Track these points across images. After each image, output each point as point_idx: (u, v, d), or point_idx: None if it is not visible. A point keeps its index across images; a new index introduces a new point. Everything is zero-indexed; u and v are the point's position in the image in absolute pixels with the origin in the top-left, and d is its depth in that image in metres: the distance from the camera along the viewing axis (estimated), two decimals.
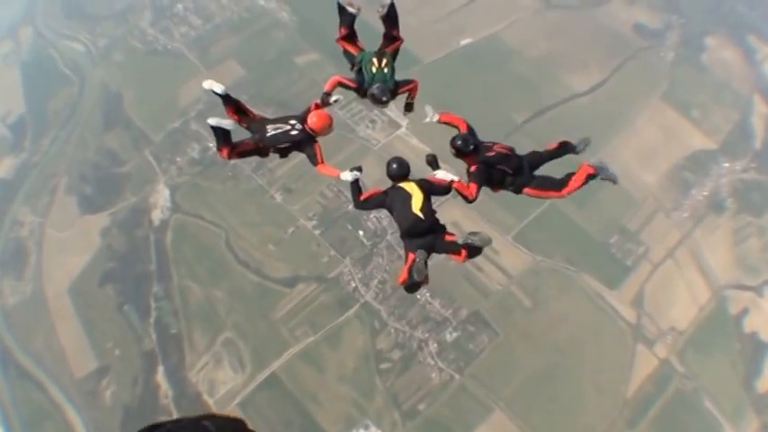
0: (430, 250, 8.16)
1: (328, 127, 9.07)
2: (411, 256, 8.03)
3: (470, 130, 9.31)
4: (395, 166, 8.70)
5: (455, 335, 37.12)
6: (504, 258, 39.02)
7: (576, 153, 9.22)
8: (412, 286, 8.55)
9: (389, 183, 8.94)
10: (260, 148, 9.15)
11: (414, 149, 41.16)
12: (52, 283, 39.96)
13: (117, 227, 41.70)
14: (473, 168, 8.88)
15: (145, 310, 38.71)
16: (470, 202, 8.96)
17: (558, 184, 8.83)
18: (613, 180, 8.88)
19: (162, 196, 42.18)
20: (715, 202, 42.05)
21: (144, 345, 37.74)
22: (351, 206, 38.95)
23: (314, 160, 9.06)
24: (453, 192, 8.83)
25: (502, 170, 8.85)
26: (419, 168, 9.20)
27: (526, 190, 8.94)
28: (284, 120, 9.21)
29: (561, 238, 39.72)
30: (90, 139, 45.18)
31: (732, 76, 46.93)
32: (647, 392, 36.46)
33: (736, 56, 48.50)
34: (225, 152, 9.04)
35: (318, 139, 9.21)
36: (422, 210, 8.17)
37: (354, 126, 43.53)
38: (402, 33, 9.65)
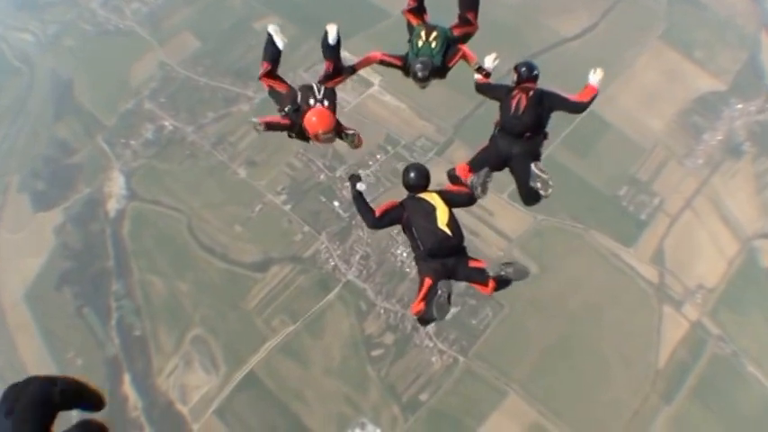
0: (450, 275, 6.61)
1: (321, 135, 7.37)
2: (428, 281, 6.61)
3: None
4: (413, 174, 7.23)
5: (454, 310, 28.94)
6: (501, 220, 32.66)
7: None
8: (428, 319, 6.93)
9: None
10: (289, 95, 7.72)
11: (389, 108, 36.15)
12: (8, 290, 33.79)
13: (71, 222, 35.38)
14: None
15: (105, 311, 32.43)
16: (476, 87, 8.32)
17: (463, 186, 7.71)
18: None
19: (117, 184, 36.02)
20: (731, 146, 35.35)
21: (107, 351, 31.49)
22: (323, 176, 34.06)
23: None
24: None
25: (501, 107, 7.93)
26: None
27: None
28: (307, 95, 7.55)
29: (563, 194, 31.84)
30: (41, 131, 39.08)
31: (736, 14, 40.28)
32: (681, 360, 29.91)
33: None
34: (261, 71, 7.83)
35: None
36: (449, 224, 6.68)
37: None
38: None
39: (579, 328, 30.34)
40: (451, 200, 7.01)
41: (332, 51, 7.81)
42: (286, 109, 7.60)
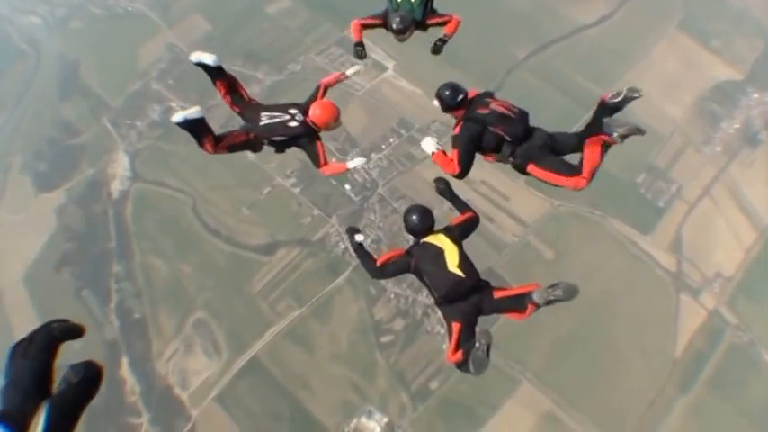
0: (477, 313, 5.94)
1: (334, 121, 7.09)
2: (457, 325, 5.89)
3: (480, 92, 6.91)
4: (415, 217, 6.30)
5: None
6: (517, 205, 31.11)
7: (619, 106, 6.28)
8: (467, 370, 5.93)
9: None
10: (251, 139, 7.02)
11: (403, 92, 34.55)
12: (7, 272, 32.11)
13: (73, 203, 33.74)
14: (457, 130, 6.62)
15: (105, 293, 30.94)
16: (458, 177, 6.78)
17: (574, 170, 6.18)
18: (636, 130, 5.94)
19: (121, 165, 34.37)
20: (748, 135, 33.81)
21: (105, 334, 29.92)
22: (334, 159, 33.05)
23: (316, 161, 7.14)
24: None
25: (496, 134, 6.40)
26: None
27: (530, 167, 6.35)
28: (283, 108, 7.18)
29: None
30: (45, 112, 37.32)
31: (751, 6, 38.59)
32: (698, 349, 28.49)
33: None
34: (209, 146, 6.72)
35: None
36: (460, 266, 5.91)
37: (334, 71, 34.39)
38: None
39: (595, 315, 28.56)
40: (460, 235, 6.28)
41: (217, 73, 7.16)
42: (280, 146, 7.31)
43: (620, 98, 6.12)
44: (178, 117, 6.34)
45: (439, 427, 26.99)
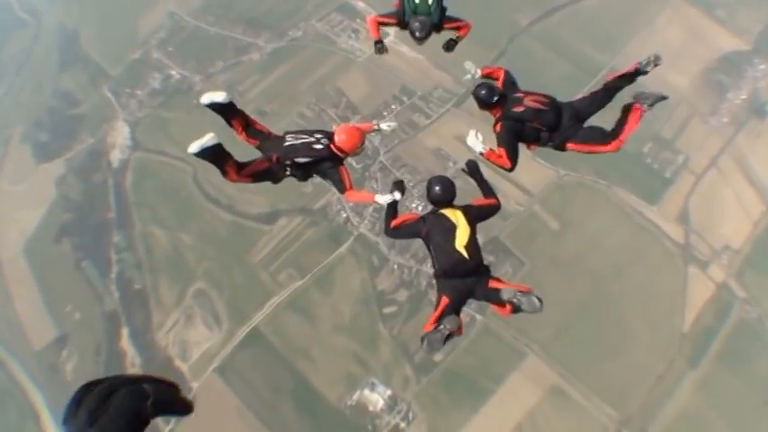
0: (468, 295, 6.03)
1: (360, 146, 7.01)
2: (445, 299, 5.94)
3: (507, 79, 7.20)
4: (438, 188, 6.36)
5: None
6: (522, 173, 29.38)
7: (645, 73, 6.67)
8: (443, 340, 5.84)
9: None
10: (273, 164, 6.93)
11: (405, 58, 32.69)
12: (7, 243, 31.36)
13: (73, 173, 32.77)
14: (498, 128, 6.81)
15: (105, 264, 30.09)
16: (510, 170, 7.03)
17: (606, 137, 6.60)
18: (660, 98, 6.56)
19: (121, 134, 33.26)
20: (755, 106, 32.25)
21: (105, 305, 29.09)
22: (335, 126, 32.20)
23: (341, 187, 6.89)
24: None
25: (534, 127, 6.72)
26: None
27: (569, 145, 6.78)
28: (309, 132, 7.03)
29: None
30: (46, 82, 36.30)
31: None
32: (707, 324, 27.00)
33: None
34: (233, 173, 6.72)
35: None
36: (467, 247, 5.98)
37: (335, 38, 34.45)
38: None
39: (602, 287, 27.48)
40: (477, 217, 6.23)
41: (230, 110, 6.99)
42: (303, 171, 7.10)
43: (649, 69, 6.41)
44: (194, 147, 6.14)
45: (443, 400, 25.86)
